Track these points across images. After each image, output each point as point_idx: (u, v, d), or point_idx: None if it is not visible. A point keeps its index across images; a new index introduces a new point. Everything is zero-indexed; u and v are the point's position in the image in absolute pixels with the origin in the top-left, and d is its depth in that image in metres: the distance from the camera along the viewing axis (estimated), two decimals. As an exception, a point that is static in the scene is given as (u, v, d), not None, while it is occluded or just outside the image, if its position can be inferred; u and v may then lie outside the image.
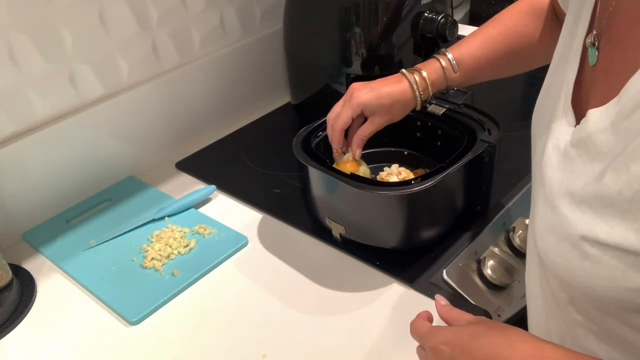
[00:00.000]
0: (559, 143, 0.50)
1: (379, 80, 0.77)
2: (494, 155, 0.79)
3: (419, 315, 0.56)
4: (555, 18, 0.76)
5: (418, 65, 0.78)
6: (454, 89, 0.81)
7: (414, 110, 0.84)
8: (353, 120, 0.78)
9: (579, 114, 0.50)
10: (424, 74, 0.76)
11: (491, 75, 0.80)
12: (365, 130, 0.78)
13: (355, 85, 0.77)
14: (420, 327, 0.54)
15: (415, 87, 0.76)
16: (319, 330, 0.71)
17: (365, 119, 0.78)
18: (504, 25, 0.78)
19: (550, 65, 0.58)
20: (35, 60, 0.85)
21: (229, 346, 0.70)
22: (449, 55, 0.77)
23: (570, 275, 0.46)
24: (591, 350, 0.51)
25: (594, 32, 0.49)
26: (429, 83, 0.76)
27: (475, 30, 0.80)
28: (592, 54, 0.50)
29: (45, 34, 0.85)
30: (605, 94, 0.46)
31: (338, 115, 0.77)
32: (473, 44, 0.78)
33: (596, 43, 0.49)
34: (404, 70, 0.77)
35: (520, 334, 0.46)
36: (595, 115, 0.45)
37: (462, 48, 0.78)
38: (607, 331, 0.48)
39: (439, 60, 0.77)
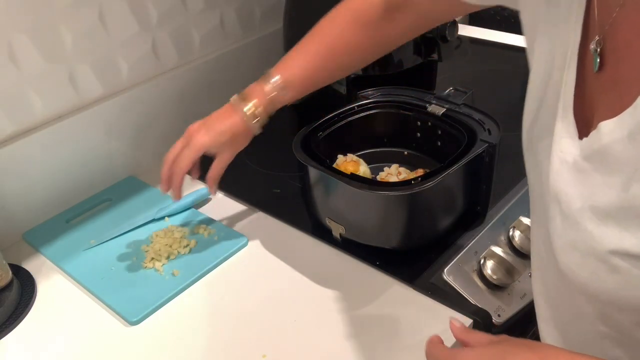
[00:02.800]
0: (566, 157, 0.49)
1: (213, 117, 0.78)
2: (494, 155, 0.78)
3: (431, 341, 0.53)
4: (386, 23, 0.75)
5: (247, 91, 0.78)
6: (287, 104, 0.80)
7: (411, 111, 0.84)
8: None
9: (582, 125, 0.49)
10: (254, 102, 0.76)
11: (319, 86, 0.80)
12: (216, 170, 0.79)
13: (192, 127, 0.77)
14: (440, 353, 0.51)
15: (250, 117, 0.76)
16: (319, 330, 0.71)
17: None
18: (329, 39, 0.77)
19: (534, 74, 0.56)
20: (35, 60, 0.85)
21: (229, 346, 0.70)
22: (276, 79, 0.76)
23: (599, 289, 0.46)
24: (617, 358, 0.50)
25: (597, 38, 0.48)
26: (261, 110, 0.77)
27: (301, 45, 0.78)
28: (595, 61, 0.48)
29: (45, 34, 0.85)
30: (615, 104, 0.44)
31: (179, 159, 0.76)
32: (299, 62, 0.78)
33: (598, 50, 0.48)
34: (233, 100, 0.77)
35: (551, 348, 0.45)
36: (609, 127, 0.44)
37: (289, 68, 0.77)
38: (636, 340, 0.48)
39: (267, 84, 0.77)
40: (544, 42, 0.54)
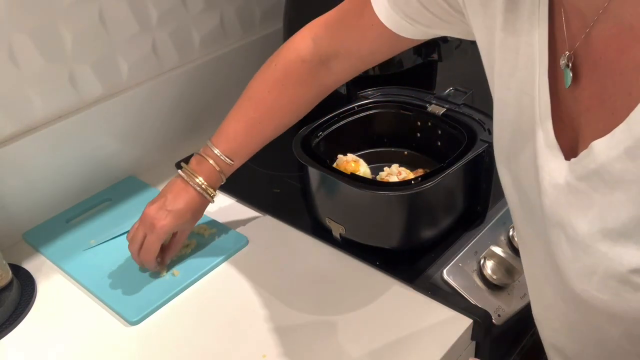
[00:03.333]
0: (556, 180, 0.47)
1: (168, 196, 0.77)
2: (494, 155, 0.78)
3: None
4: (321, 74, 0.75)
5: (193, 167, 0.78)
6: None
7: (411, 111, 0.84)
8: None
9: (564, 145, 0.47)
10: (201, 179, 0.77)
11: (263, 145, 0.81)
12: (175, 248, 0.80)
13: (149, 211, 0.76)
14: None
15: (203, 191, 0.77)
16: (319, 330, 0.71)
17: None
18: (264, 105, 0.77)
19: (500, 101, 0.55)
20: (35, 60, 0.85)
21: (229, 346, 0.70)
22: (217, 152, 0.77)
23: (624, 309, 0.44)
24: None
25: (567, 53, 0.46)
26: (210, 183, 0.78)
27: (236, 112, 0.78)
28: (567, 76, 0.47)
29: (45, 34, 0.85)
30: (604, 121, 0.43)
31: (145, 249, 0.76)
32: (238, 130, 0.78)
33: (570, 65, 0.46)
34: (182, 174, 0.77)
35: None
36: (602, 145, 0.43)
37: (230, 139, 0.78)
38: None
39: (210, 159, 0.77)
40: (505, 68, 0.52)
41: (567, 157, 0.47)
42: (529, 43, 0.49)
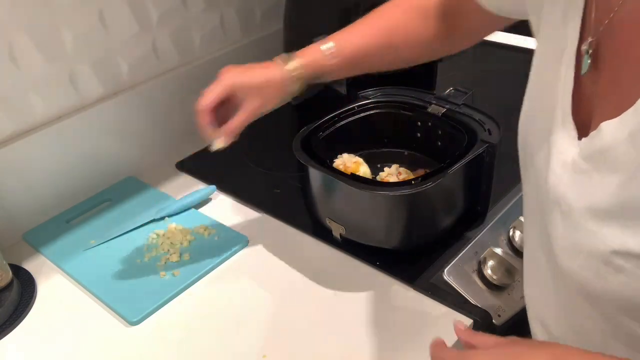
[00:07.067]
0: (565, 157, 0.49)
1: (251, 64, 0.74)
2: (494, 155, 0.78)
3: (436, 344, 0.51)
4: (443, 20, 0.75)
5: (295, 52, 0.75)
6: (332, 79, 0.78)
7: (411, 111, 0.84)
8: (222, 104, 0.72)
9: (579, 127, 0.49)
10: (299, 59, 0.73)
11: (368, 68, 0.78)
12: (238, 119, 0.72)
13: (226, 67, 0.73)
14: (447, 355, 0.50)
15: (290, 70, 0.72)
16: (319, 330, 0.71)
17: None
18: (389, 19, 0.76)
19: (534, 72, 0.57)
20: (35, 60, 0.85)
21: (230, 346, 0.70)
22: (329, 44, 0.74)
23: (602, 289, 0.46)
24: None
25: (589, 39, 0.48)
26: (304, 68, 0.73)
27: (361, 19, 0.77)
28: (585, 63, 0.48)
29: (45, 34, 0.85)
30: (617, 105, 0.44)
31: (204, 94, 0.71)
32: (352, 33, 0.76)
33: (590, 51, 0.48)
34: (278, 56, 0.74)
35: (564, 348, 0.45)
36: (610, 127, 0.44)
37: (341, 37, 0.75)
38: (636, 336, 0.48)
39: (317, 46, 0.74)
40: (541, 45, 0.54)
41: (580, 138, 0.48)
42: (564, 23, 0.51)
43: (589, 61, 0.48)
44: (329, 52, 0.74)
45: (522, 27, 0.65)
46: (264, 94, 0.72)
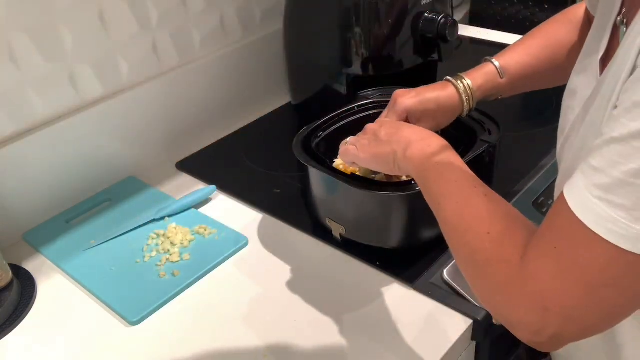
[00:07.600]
0: (586, 95, 0.52)
1: (423, 87, 0.77)
2: (494, 155, 0.78)
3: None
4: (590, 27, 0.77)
5: (462, 73, 0.78)
6: (500, 97, 0.80)
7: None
8: None
9: None
10: (469, 80, 0.76)
11: (535, 85, 0.80)
12: None
13: (398, 91, 0.76)
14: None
15: (461, 93, 0.75)
16: (319, 330, 0.71)
17: None
18: (544, 35, 0.78)
19: (583, 49, 0.59)
20: (35, 60, 0.85)
21: (230, 346, 0.70)
22: (495, 63, 0.77)
23: None
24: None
25: (624, 10, 0.50)
26: (474, 89, 0.76)
27: (517, 41, 0.80)
28: (622, 32, 0.50)
29: (45, 34, 0.85)
30: None
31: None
32: (517, 52, 0.78)
33: (625, 21, 0.50)
34: (448, 77, 0.77)
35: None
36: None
37: (507, 56, 0.78)
38: None
39: (484, 67, 0.77)
40: (595, 20, 0.57)
41: None
42: None
43: (625, 29, 0.49)
44: (497, 72, 0.76)
45: (522, 27, 0.65)
46: (437, 118, 0.76)
